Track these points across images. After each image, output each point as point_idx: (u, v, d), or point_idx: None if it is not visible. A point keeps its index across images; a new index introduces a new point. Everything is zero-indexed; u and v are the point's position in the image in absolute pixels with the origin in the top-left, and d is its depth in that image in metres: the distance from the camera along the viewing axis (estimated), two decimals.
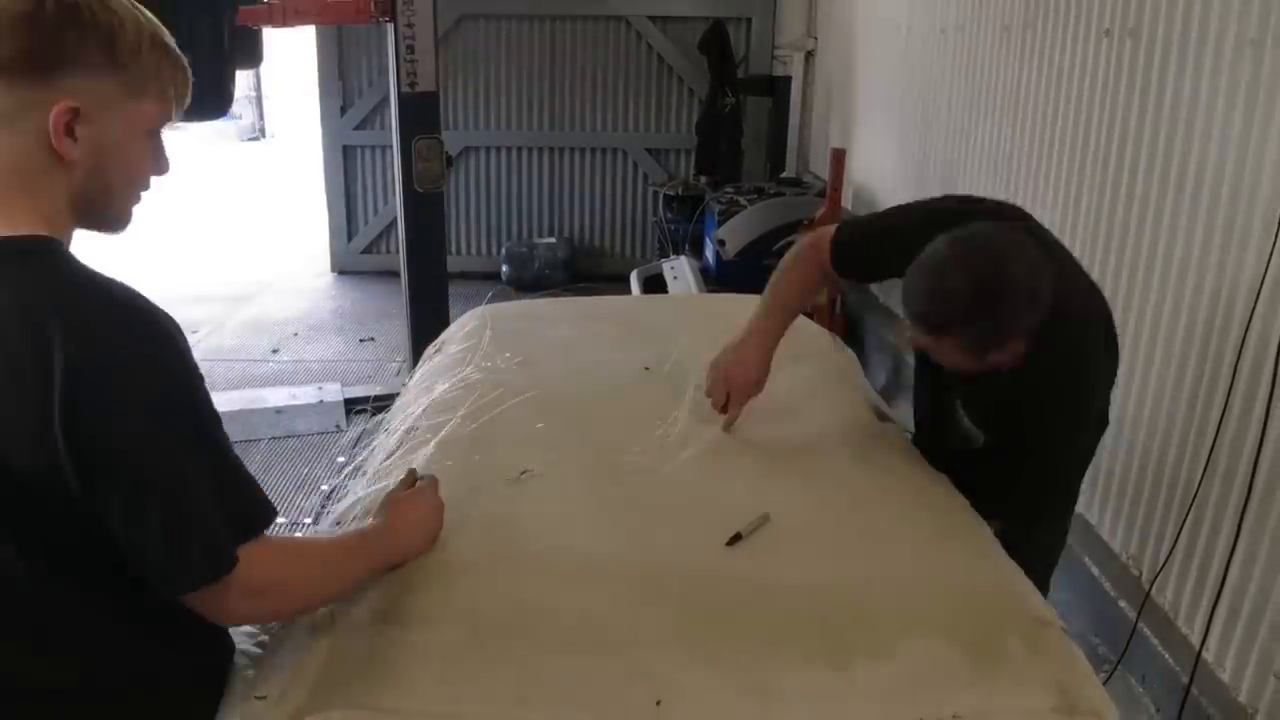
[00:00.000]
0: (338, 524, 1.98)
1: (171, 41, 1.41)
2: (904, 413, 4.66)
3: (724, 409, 2.31)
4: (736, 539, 1.83)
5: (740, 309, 3.33)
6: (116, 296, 1.29)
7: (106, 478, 1.26)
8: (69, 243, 1.38)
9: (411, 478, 1.86)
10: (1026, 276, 1.97)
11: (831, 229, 2.48)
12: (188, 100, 1.46)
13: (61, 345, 1.22)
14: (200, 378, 1.34)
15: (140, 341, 1.28)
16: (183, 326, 1.35)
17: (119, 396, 1.25)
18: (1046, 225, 2.43)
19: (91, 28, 1.30)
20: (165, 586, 1.32)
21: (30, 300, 1.26)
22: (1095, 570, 3.53)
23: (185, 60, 1.44)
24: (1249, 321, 2.76)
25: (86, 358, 1.23)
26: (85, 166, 1.34)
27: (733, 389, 2.30)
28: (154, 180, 1.48)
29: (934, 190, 5.42)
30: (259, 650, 1.61)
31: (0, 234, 1.31)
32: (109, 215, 1.43)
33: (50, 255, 1.32)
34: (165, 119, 1.43)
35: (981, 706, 1.51)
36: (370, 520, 1.75)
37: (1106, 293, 3.51)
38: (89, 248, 1.40)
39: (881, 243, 2.40)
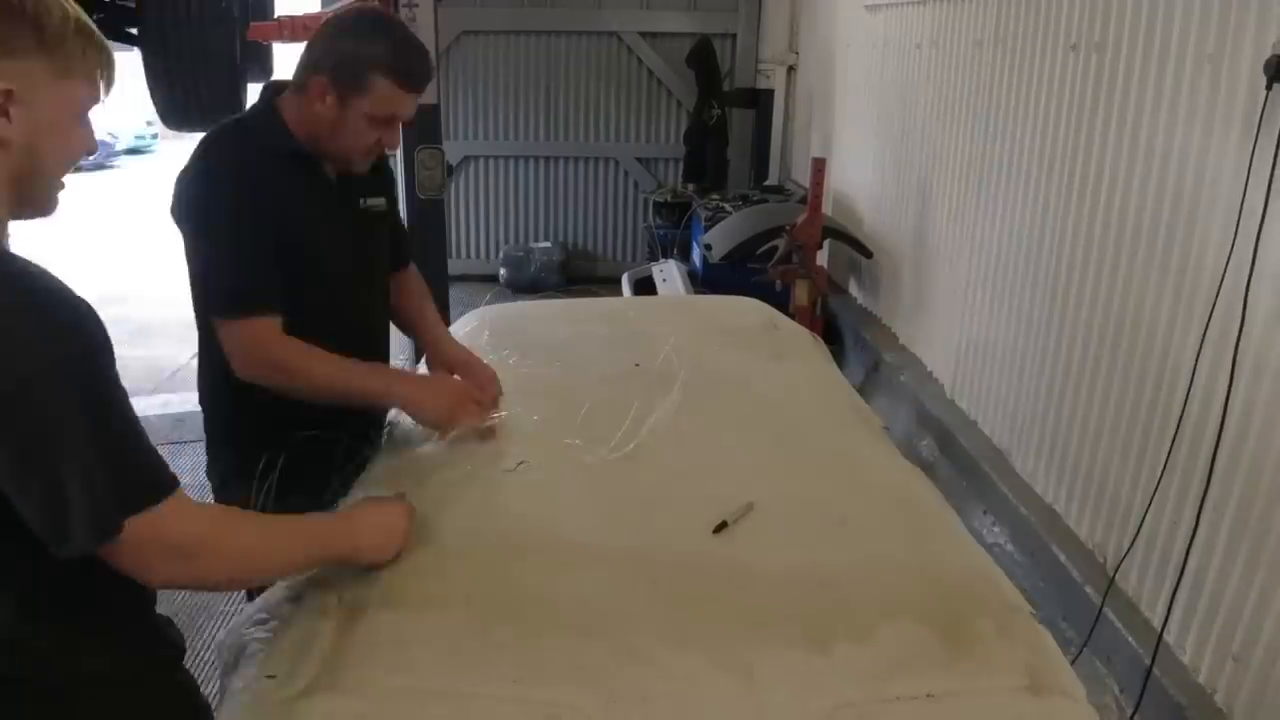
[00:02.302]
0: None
1: (94, 27, 1.40)
2: (880, 408, 4.68)
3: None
4: (722, 527, 1.82)
5: (725, 310, 3.35)
6: (19, 274, 1.26)
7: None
8: (3, 234, 1.35)
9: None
10: None
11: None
12: (113, 83, 1.44)
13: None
14: (99, 353, 1.30)
15: (26, 314, 1.24)
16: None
17: (4, 362, 1.21)
18: (1016, 230, 2.41)
19: (19, 13, 1.29)
20: (53, 548, 1.29)
21: None
22: (1062, 557, 3.53)
23: (109, 45, 1.43)
24: (1208, 320, 2.77)
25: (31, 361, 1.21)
26: (19, 147, 1.32)
27: (460, 411, 2.24)
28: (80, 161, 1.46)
29: (910, 195, 5.44)
30: (268, 634, 1.60)
31: None
32: (40, 197, 1.41)
33: None
34: (92, 101, 1.41)
35: (955, 687, 1.50)
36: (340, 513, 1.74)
37: (1073, 292, 3.54)
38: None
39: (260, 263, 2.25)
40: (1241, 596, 2.70)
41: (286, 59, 6.14)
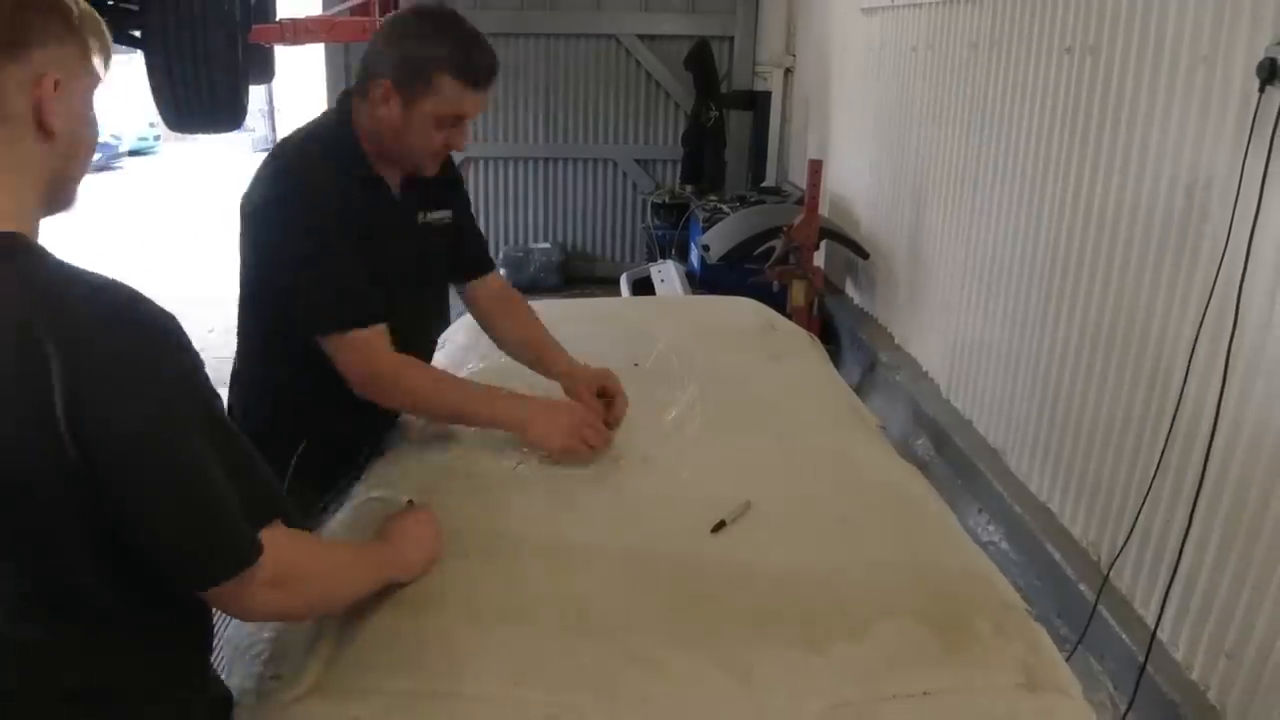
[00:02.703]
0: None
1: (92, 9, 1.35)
2: (876, 407, 4.67)
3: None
4: (721, 526, 1.82)
5: (722, 310, 3.35)
6: (105, 293, 1.19)
7: (121, 478, 1.16)
8: (36, 235, 1.26)
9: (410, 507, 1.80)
10: None
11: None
12: (111, 59, 1.39)
13: (56, 350, 1.11)
14: (201, 365, 1.25)
15: (137, 336, 1.19)
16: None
17: (123, 395, 1.15)
18: (1011, 231, 2.40)
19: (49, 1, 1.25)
20: (194, 581, 1.24)
21: (14, 302, 1.14)
22: (1057, 555, 3.53)
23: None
24: (1201, 321, 2.76)
25: (84, 361, 1.13)
26: (64, 140, 1.26)
27: (588, 437, 2.11)
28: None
29: (906, 196, 5.44)
30: (273, 634, 1.60)
31: None
32: (71, 191, 1.34)
33: (26, 252, 1.20)
34: (97, 85, 1.35)
35: (951, 684, 1.50)
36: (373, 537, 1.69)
37: (1067, 292, 3.53)
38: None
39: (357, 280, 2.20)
40: (1234, 594, 2.70)
41: (288, 61, 6.15)
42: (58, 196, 1.32)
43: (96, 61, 1.33)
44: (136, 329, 1.19)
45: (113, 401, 1.15)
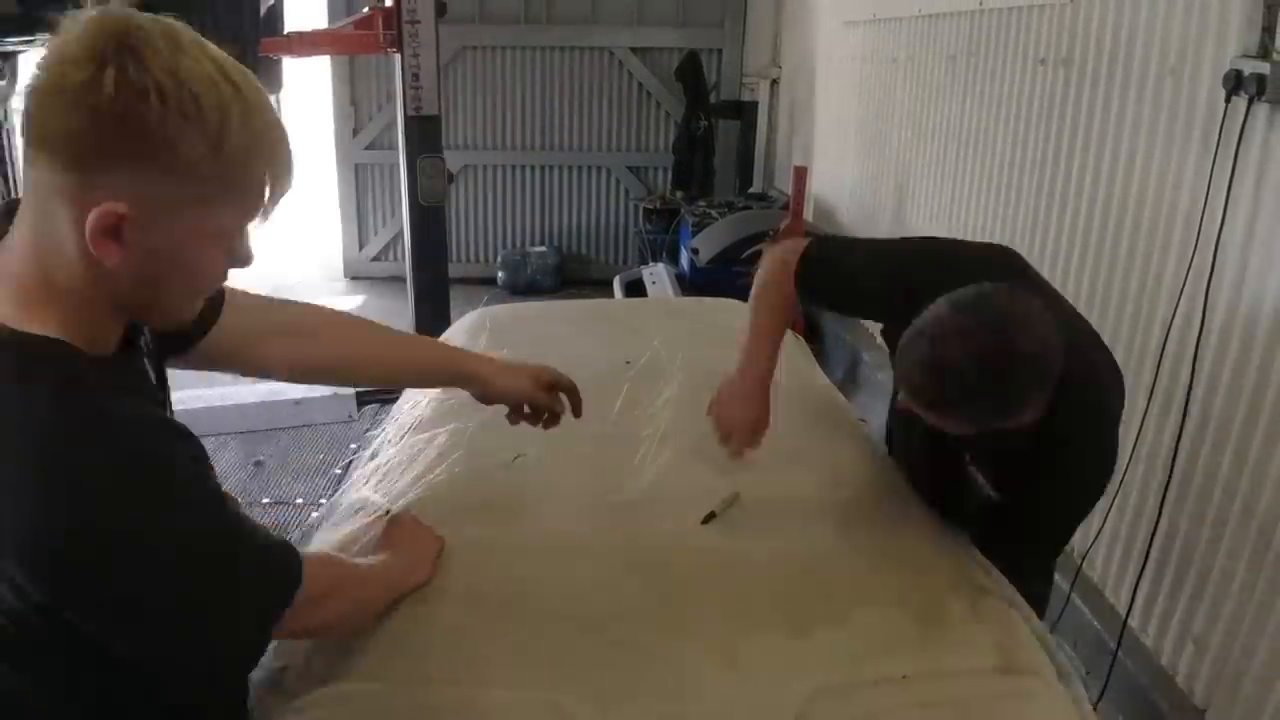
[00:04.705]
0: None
1: (271, 123, 1.03)
2: (859, 404, 4.66)
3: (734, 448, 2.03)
4: (711, 517, 1.81)
5: (710, 311, 3.33)
6: (115, 435, 1.00)
7: (118, 622, 1.02)
8: (99, 344, 1.06)
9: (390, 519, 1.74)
10: (1035, 349, 1.59)
11: (801, 244, 2.16)
12: (289, 185, 1.07)
13: (60, 491, 0.95)
14: (213, 484, 1.09)
15: (143, 499, 1.00)
16: None
17: (123, 554, 0.99)
18: (986, 235, 2.38)
19: (158, 120, 0.94)
20: (206, 687, 1.18)
21: (24, 419, 0.97)
22: None
23: (289, 141, 1.06)
24: (1169, 324, 2.76)
25: (85, 515, 0.96)
26: (131, 273, 1.00)
27: (735, 432, 2.02)
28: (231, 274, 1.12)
29: (887, 203, 5.43)
30: None
31: (8, 325, 0.99)
32: (162, 319, 1.12)
33: (52, 367, 0.99)
34: (249, 221, 1.06)
35: (930, 668, 1.50)
36: (376, 556, 1.59)
37: None
38: None
39: (847, 284, 2.11)
40: (1200, 583, 2.70)
41: (296, 74, 6.13)
42: (143, 317, 1.12)
43: (238, 206, 1.04)
44: (141, 496, 1.01)
45: (110, 566, 0.99)
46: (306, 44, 5.41)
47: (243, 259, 1.09)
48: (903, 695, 1.45)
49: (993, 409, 1.62)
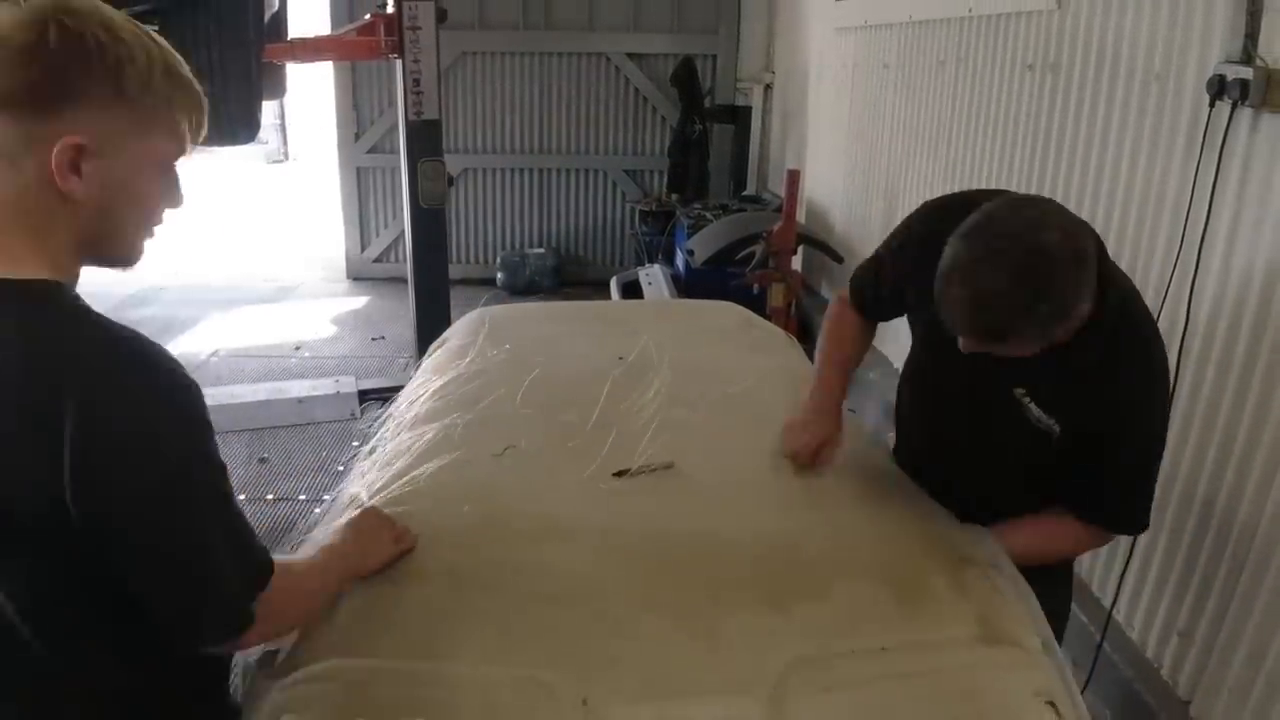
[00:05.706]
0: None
1: (186, 71, 1.20)
2: (850, 402, 4.66)
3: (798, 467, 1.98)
4: (623, 473, 1.86)
5: (704, 312, 3.33)
6: (128, 349, 1.12)
7: (120, 538, 1.12)
8: (75, 281, 1.19)
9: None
10: (1058, 236, 1.53)
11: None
12: (204, 130, 1.23)
13: (73, 401, 1.05)
14: (210, 429, 1.18)
15: (154, 398, 1.12)
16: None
17: (133, 457, 1.09)
18: None
19: (98, 60, 1.10)
20: (184, 643, 1.21)
21: (37, 349, 1.08)
22: None
23: (200, 89, 1.22)
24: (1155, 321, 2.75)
25: (99, 415, 1.07)
26: (93, 204, 1.14)
27: (798, 453, 1.97)
28: (167, 213, 1.26)
29: (878, 205, 5.43)
30: None
31: (1, 275, 1.11)
32: (118, 252, 1.23)
33: (55, 300, 1.13)
34: (179, 152, 1.22)
35: (909, 639, 1.50)
36: (333, 539, 1.59)
37: None
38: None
39: (881, 274, 2.11)
40: (1185, 578, 2.70)
41: (299, 79, 6.12)
42: (101, 253, 1.21)
43: (168, 129, 1.20)
44: (154, 402, 1.12)
45: (119, 467, 1.09)
46: (310, 50, 5.41)
47: (177, 197, 1.25)
48: (881, 666, 1.45)
49: (1050, 312, 1.55)
